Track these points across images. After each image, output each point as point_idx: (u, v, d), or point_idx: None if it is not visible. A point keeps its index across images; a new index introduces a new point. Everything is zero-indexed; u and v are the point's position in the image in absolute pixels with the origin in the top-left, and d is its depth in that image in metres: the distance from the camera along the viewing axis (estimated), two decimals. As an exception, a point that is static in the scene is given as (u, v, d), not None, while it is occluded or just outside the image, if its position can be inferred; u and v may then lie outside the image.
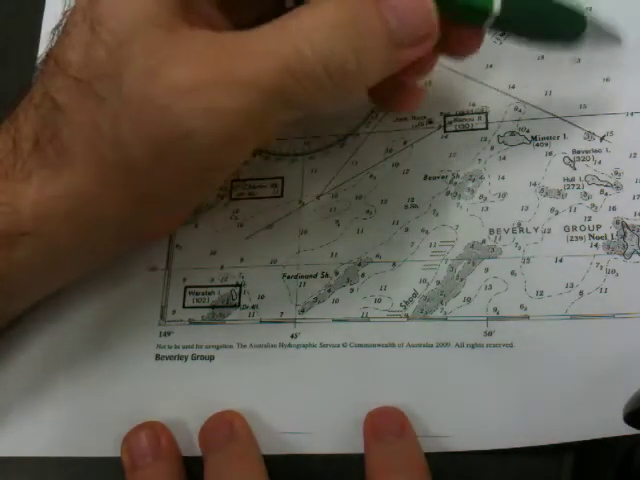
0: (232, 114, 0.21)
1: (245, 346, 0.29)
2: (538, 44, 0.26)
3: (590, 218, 0.28)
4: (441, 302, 0.28)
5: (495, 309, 0.27)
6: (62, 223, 0.24)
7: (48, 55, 0.24)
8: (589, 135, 0.29)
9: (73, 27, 0.23)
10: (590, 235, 0.27)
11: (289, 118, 0.23)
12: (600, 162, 0.28)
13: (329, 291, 0.29)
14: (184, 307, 0.31)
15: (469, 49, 0.26)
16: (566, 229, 0.28)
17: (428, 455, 0.26)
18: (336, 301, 0.29)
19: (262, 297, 0.30)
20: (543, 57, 0.30)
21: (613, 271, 0.27)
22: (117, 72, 0.22)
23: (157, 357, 0.30)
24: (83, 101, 0.22)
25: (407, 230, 0.29)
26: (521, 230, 0.28)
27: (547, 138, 0.29)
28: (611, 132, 0.29)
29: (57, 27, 0.24)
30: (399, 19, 0.22)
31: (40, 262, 0.26)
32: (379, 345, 0.28)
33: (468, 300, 0.28)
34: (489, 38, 0.31)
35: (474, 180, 0.29)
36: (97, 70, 0.22)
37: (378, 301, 0.29)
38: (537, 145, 0.29)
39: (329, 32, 0.22)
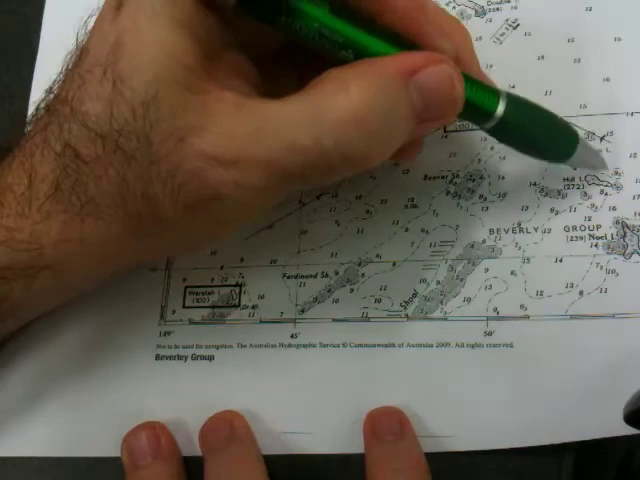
0: (257, 189, 0.22)
1: (245, 346, 0.29)
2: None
3: (590, 218, 0.28)
4: (441, 302, 0.28)
5: (495, 309, 0.27)
6: (83, 263, 0.25)
7: (59, 97, 0.24)
8: (589, 135, 0.29)
9: (90, 76, 0.22)
10: (590, 235, 0.27)
11: (303, 188, 0.25)
12: (600, 162, 0.28)
13: (329, 291, 0.29)
14: (184, 307, 0.31)
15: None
16: (566, 229, 0.28)
17: (428, 455, 0.26)
18: (336, 301, 0.29)
19: (262, 297, 0.30)
20: (543, 57, 0.30)
21: (613, 271, 0.27)
22: (143, 132, 0.22)
23: (157, 357, 0.30)
24: (109, 156, 0.22)
25: (407, 230, 0.29)
26: (521, 230, 0.28)
27: (547, 138, 0.29)
28: (611, 132, 0.29)
29: (66, 66, 0.24)
30: (425, 100, 0.23)
31: (56, 292, 0.26)
32: (379, 345, 0.28)
33: (468, 300, 0.28)
34: (489, 38, 0.31)
35: (474, 180, 0.29)
36: (122, 128, 0.22)
37: (378, 301, 0.29)
38: (537, 145, 0.29)
39: (354, 126, 0.21)
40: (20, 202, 0.24)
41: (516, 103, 0.25)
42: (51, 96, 0.24)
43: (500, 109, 0.24)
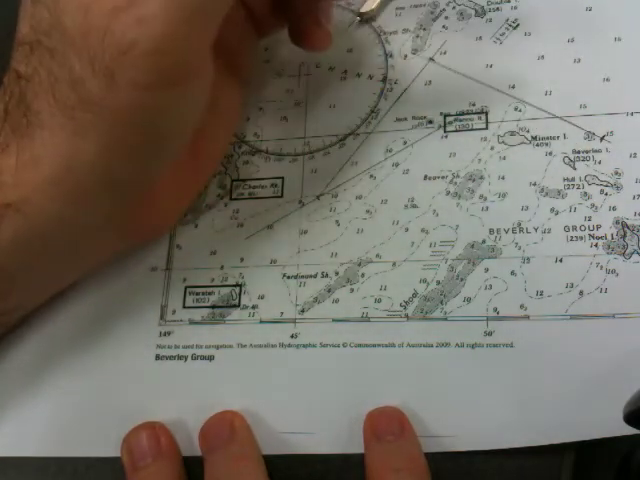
0: (159, 20, 0.22)
1: (245, 346, 0.29)
2: None
3: (590, 218, 0.28)
4: (441, 302, 0.28)
5: (495, 309, 0.27)
6: (45, 192, 0.24)
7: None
8: (589, 135, 0.29)
9: (21, 8, 0.25)
10: (590, 235, 0.27)
11: (213, 14, 0.23)
12: (600, 162, 0.28)
13: (329, 291, 0.29)
14: (184, 307, 0.31)
15: None
16: (566, 229, 0.28)
17: (428, 455, 0.26)
18: (336, 301, 0.29)
19: (262, 297, 0.30)
20: (543, 57, 0.30)
21: (613, 271, 0.27)
22: (59, 21, 0.23)
23: (157, 357, 0.30)
24: (38, 60, 0.24)
25: (407, 230, 0.29)
26: (521, 230, 0.28)
27: (547, 138, 0.29)
28: (611, 132, 0.29)
29: None
30: None
31: (28, 245, 0.25)
32: (379, 345, 0.28)
33: (468, 300, 0.28)
34: (489, 38, 0.31)
35: (474, 180, 0.29)
36: (44, 28, 0.23)
37: (378, 301, 0.29)
38: (537, 145, 0.29)
39: None
40: None
41: None
42: None
43: None
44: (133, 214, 0.27)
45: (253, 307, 0.30)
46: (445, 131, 0.31)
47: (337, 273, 0.29)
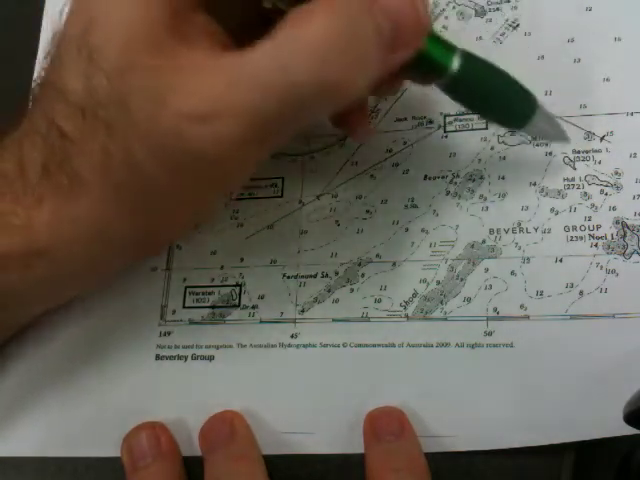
0: (235, 139, 0.22)
1: (245, 346, 0.29)
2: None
3: (590, 218, 0.28)
4: (441, 302, 0.28)
5: (495, 309, 0.27)
6: (78, 245, 0.24)
7: (44, 82, 0.24)
8: (589, 135, 0.29)
9: (67, 55, 0.23)
10: (590, 235, 0.27)
11: (286, 136, 0.24)
12: (600, 162, 0.28)
13: (329, 291, 0.29)
14: (184, 307, 0.31)
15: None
16: (566, 229, 0.28)
17: (428, 455, 0.26)
18: (336, 301, 0.29)
19: (262, 297, 0.30)
20: (543, 57, 0.30)
21: (613, 271, 0.27)
22: (121, 99, 0.22)
23: (157, 357, 0.30)
24: (91, 129, 0.23)
25: (407, 230, 0.29)
26: (521, 230, 0.28)
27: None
28: (611, 132, 0.29)
29: (49, 52, 0.24)
30: (392, 22, 0.22)
31: (53, 281, 0.26)
32: (379, 345, 0.28)
33: (468, 300, 0.28)
34: (489, 38, 0.31)
35: (474, 180, 0.29)
36: (101, 98, 0.22)
37: (378, 301, 0.29)
38: (537, 145, 0.29)
39: (323, 51, 0.21)
40: (13, 188, 0.24)
41: (472, 60, 0.25)
42: (36, 85, 0.25)
43: (455, 64, 0.24)
44: (153, 241, 0.28)
45: (253, 307, 0.30)
46: (445, 131, 0.31)
47: (337, 273, 0.29)
